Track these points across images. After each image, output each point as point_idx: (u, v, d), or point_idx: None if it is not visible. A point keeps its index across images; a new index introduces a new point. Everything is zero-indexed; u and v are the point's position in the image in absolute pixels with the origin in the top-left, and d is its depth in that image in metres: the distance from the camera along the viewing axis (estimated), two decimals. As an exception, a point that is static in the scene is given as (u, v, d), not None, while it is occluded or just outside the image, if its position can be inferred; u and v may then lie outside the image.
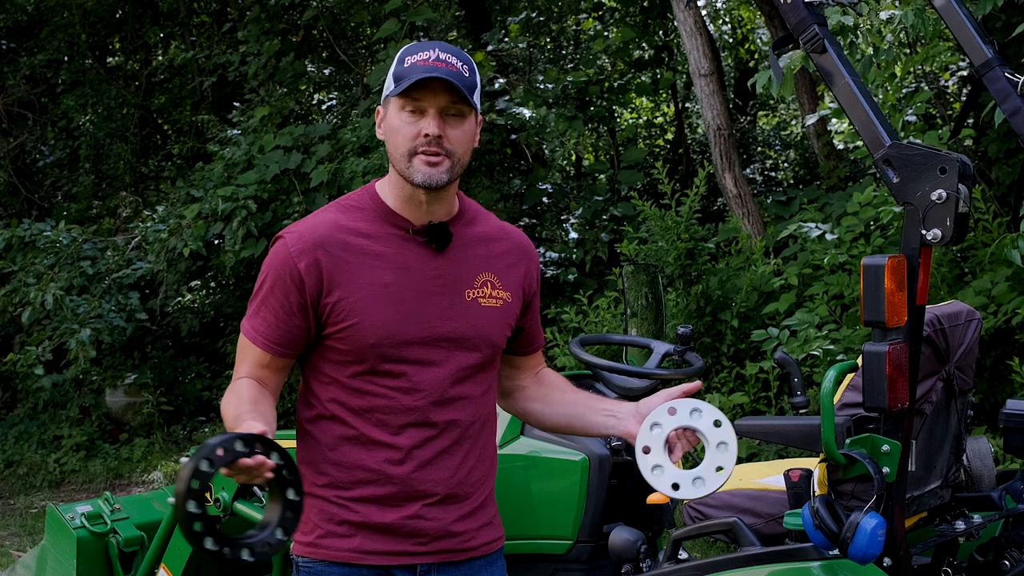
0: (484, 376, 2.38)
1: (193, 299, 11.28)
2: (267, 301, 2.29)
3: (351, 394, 2.29)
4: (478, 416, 2.36)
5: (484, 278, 2.36)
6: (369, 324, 2.24)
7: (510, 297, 2.39)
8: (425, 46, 2.28)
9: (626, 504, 3.47)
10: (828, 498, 2.78)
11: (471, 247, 2.37)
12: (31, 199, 12.00)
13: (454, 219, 2.37)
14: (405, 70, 2.25)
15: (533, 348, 2.54)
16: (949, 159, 2.68)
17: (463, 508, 2.35)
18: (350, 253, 2.27)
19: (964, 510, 3.36)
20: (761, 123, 13.72)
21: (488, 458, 2.42)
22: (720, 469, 2.24)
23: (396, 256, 2.29)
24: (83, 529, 4.14)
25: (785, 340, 6.48)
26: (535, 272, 2.48)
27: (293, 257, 2.26)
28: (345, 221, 2.32)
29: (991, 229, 6.32)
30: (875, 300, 2.67)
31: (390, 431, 2.27)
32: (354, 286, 2.25)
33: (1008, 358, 6.00)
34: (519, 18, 11.39)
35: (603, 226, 9.46)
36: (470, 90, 2.25)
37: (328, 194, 9.05)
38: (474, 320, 2.32)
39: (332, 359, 2.30)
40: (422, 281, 2.29)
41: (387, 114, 2.31)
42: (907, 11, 4.93)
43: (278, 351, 2.29)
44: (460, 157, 2.28)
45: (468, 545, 2.37)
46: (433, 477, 2.30)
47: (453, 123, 2.26)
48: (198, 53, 11.60)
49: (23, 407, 10.83)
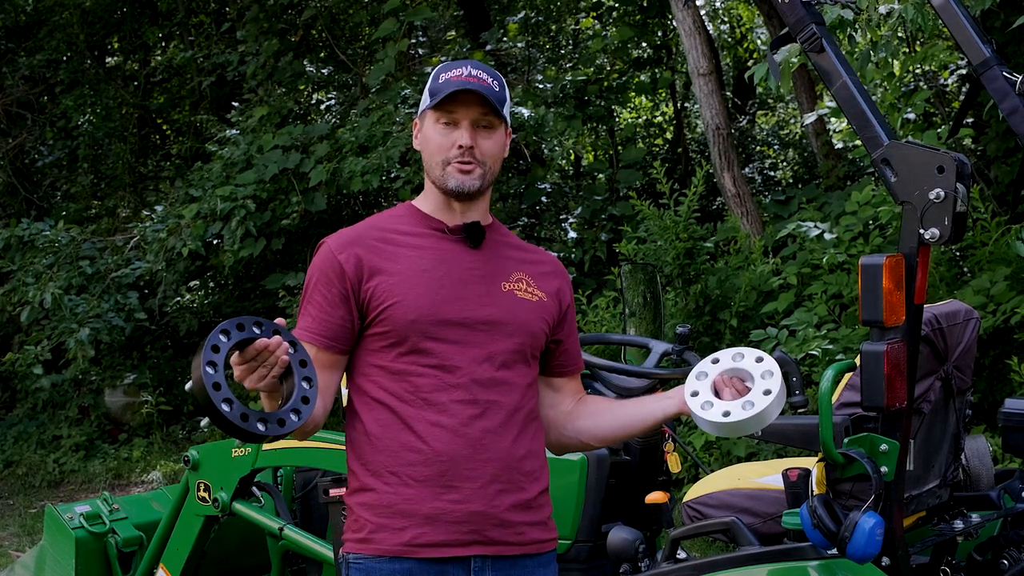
0: (527, 369, 2.42)
1: (192, 299, 11.27)
2: (312, 299, 2.39)
3: (395, 378, 2.35)
4: (523, 405, 2.39)
5: (519, 276, 2.46)
6: (409, 302, 2.34)
7: (546, 297, 2.47)
8: (458, 64, 2.44)
9: (625, 504, 3.47)
10: (826, 497, 2.78)
11: (505, 251, 2.49)
12: (30, 199, 12.00)
13: (488, 228, 2.48)
14: (439, 85, 2.40)
15: (573, 369, 2.57)
16: (947, 158, 2.68)
17: (516, 497, 2.35)
18: (388, 244, 2.40)
19: (963, 509, 3.36)
20: (760, 122, 13.72)
21: (539, 454, 2.44)
22: (768, 392, 2.30)
23: (433, 249, 2.41)
24: (82, 529, 4.14)
25: (784, 340, 6.48)
26: (568, 290, 2.56)
27: (333, 252, 2.39)
28: (383, 224, 2.46)
29: (990, 228, 6.31)
30: (873, 299, 2.67)
31: (435, 409, 2.32)
32: (393, 270, 2.37)
33: (1007, 357, 5.99)
34: (518, 17, 11.39)
35: (602, 226, 9.46)
36: (500, 104, 2.41)
37: (327, 194, 9.05)
38: (511, 307, 2.40)
39: (375, 348, 2.37)
40: (459, 271, 2.40)
41: (423, 127, 2.45)
42: (907, 5, 4.92)
43: (324, 343, 2.36)
44: (491, 167, 2.43)
45: (522, 539, 2.37)
46: (482, 456, 2.31)
47: (484, 134, 2.41)
48: (197, 53, 11.61)
49: (22, 407, 10.82)
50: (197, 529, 3.97)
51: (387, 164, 8.47)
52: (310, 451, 3.78)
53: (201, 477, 3.96)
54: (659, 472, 3.59)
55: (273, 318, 2.18)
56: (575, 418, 2.55)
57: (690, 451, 4.21)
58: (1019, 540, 3.31)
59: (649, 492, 3.44)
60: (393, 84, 9.41)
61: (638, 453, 3.48)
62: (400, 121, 8.75)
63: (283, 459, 3.89)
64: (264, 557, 3.97)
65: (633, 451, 3.48)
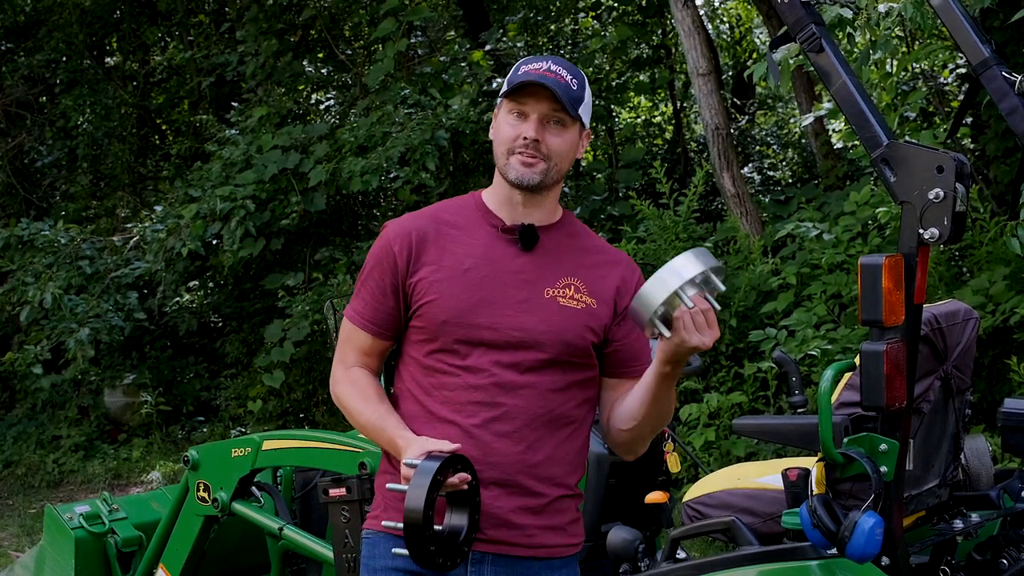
0: (560, 375, 2.38)
1: (191, 299, 11.26)
2: (367, 283, 2.46)
3: (424, 372, 2.41)
4: (549, 410, 2.37)
5: (568, 281, 2.43)
6: (443, 302, 2.37)
7: (595, 304, 2.42)
8: (540, 59, 2.44)
9: (624, 503, 3.48)
10: (826, 497, 2.78)
11: (562, 254, 2.46)
12: (29, 199, 12.00)
13: (550, 226, 2.47)
14: (517, 76, 2.40)
15: (631, 371, 2.45)
16: (946, 158, 2.68)
17: (528, 501, 2.36)
18: (440, 238, 2.43)
19: (962, 509, 3.36)
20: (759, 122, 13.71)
21: (565, 460, 2.41)
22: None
23: (483, 248, 2.42)
24: (81, 529, 4.14)
25: (783, 340, 6.48)
26: (632, 287, 2.44)
27: (391, 241, 2.44)
28: (443, 215, 2.48)
29: (989, 228, 6.31)
30: (873, 299, 2.67)
31: (454, 408, 2.36)
32: (436, 267, 2.40)
33: (1006, 357, 6.00)
34: (517, 17, 11.39)
35: (601, 225, 9.45)
36: (575, 102, 2.39)
37: (326, 194, 9.05)
38: (548, 316, 2.38)
39: (414, 340, 2.43)
40: (502, 274, 2.40)
41: (497, 115, 2.46)
42: (906, 3, 4.92)
43: (374, 330, 2.45)
44: (557, 163, 2.41)
45: (529, 542, 2.37)
46: (493, 460, 2.33)
47: (554, 130, 2.39)
48: (196, 53, 11.60)
49: (22, 407, 10.82)
50: (197, 529, 3.97)
51: (386, 164, 8.46)
52: (310, 451, 3.78)
53: (201, 477, 3.96)
54: (658, 472, 3.59)
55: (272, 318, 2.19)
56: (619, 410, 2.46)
57: (689, 451, 4.21)
58: (1018, 539, 3.31)
59: (649, 492, 3.45)
60: (392, 84, 9.41)
61: (638, 453, 3.48)
62: (399, 121, 8.75)
63: (283, 459, 3.89)
64: (264, 557, 3.97)
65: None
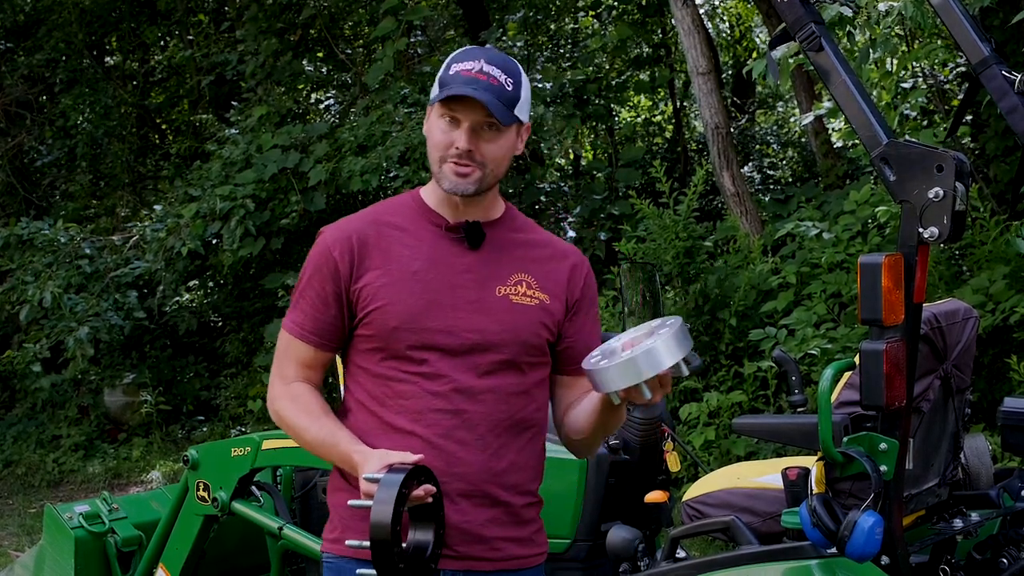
0: (519, 377, 2.31)
1: (191, 298, 11.27)
2: (305, 293, 2.34)
3: (377, 381, 2.29)
4: (510, 415, 2.29)
5: (519, 278, 2.34)
6: (392, 308, 2.26)
7: (548, 299, 2.34)
8: (473, 54, 2.30)
9: (624, 503, 3.47)
10: (826, 496, 2.78)
11: (509, 249, 2.36)
12: (29, 198, 12.00)
13: (495, 222, 2.38)
14: (449, 77, 2.28)
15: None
16: (946, 157, 2.67)
17: (494, 512, 2.28)
18: (383, 241, 2.32)
19: (962, 508, 3.36)
20: (759, 121, 13.71)
21: (528, 464, 2.34)
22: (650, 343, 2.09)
23: (428, 249, 2.32)
24: (81, 529, 4.14)
25: (783, 339, 6.48)
26: (582, 281, 2.40)
27: (329, 247, 2.32)
28: (383, 216, 2.37)
29: (988, 227, 6.31)
30: (872, 298, 2.66)
31: (411, 417, 2.25)
32: (382, 271, 2.29)
33: (1006, 356, 5.99)
34: (517, 16, 11.39)
35: (601, 225, 9.45)
36: (511, 104, 2.26)
37: (326, 193, 9.05)
38: (502, 316, 2.30)
39: (362, 349, 2.32)
40: (451, 274, 2.30)
41: (430, 116, 2.33)
42: (906, 2, 4.92)
43: (316, 341, 2.33)
44: (492, 169, 2.30)
45: (499, 555, 2.29)
46: (459, 470, 2.24)
47: (488, 137, 2.27)
48: (196, 52, 11.60)
49: (22, 407, 10.82)
50: (196, 529, 3.97)
51: (386, 163, 8.46)
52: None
53: (200, 477, 3.96)
54: (658, 471, 3.59)
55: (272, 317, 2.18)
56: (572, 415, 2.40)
57: (689, 450, 4.21)
58: (1018, 539, 3.31)
59: (648, 491, 3.44)
60: (392, 83, 9.41)
61: (637, 452, 3.49)
62: (399, 120, 8.75)
63: (282, 459, 3.89)
64: (263, 557, 3.96)
65: (632, 450, 3.48)
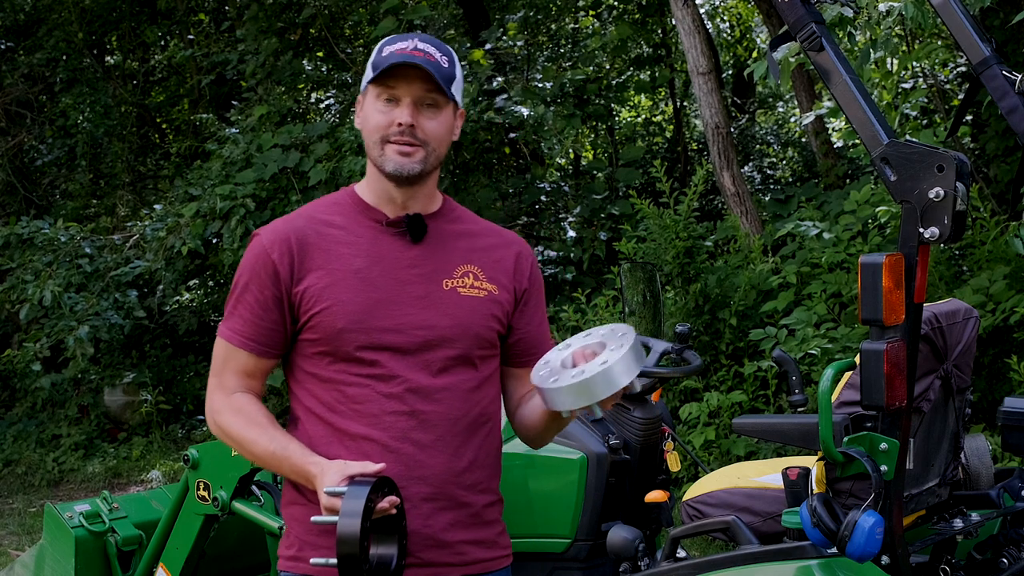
0: (473, 372, 2.25)
1: (191, 298, 11.27)
2: (243, 299, 2.24)
3: (327, 387, 2.21)
4: (467, 412, 2.23)
5: (465, 269, 2.28)
6: (338, 309, 2.18)
7: (496, 290, 2.29)
8: (405, 37, 2.25)
9: (624, 503, 3.47)
10: (826, 496, 2.78)
11: (452, 240, 2.30)
12: (29, 197, 11.99)
13: (434, 214, 2.31)
14: (383, 59, 2.21)
15: (537, 359, 2.28)
16: (947, 157, 2.67)
17: (458, 514, 2.23)
18: (323, 241, 2.24)
19: (962, 508, 3.36)
20: (759, 121, 13.71)
21: (487, 462, 2.29)
22: (604, 363, 2.09)
23: (369, 246, 2.24)
24: (81, 528, 4.14)
25: (783, 339, 6.48)
26: (528, 269, 2.37)
27: (267, 249, 2.23)
28: (320, 215, 2.29)
29: (989, 227, 6.31)
30: (873, 298, 2.66)
31: (367, 422, 2.17)
32: (324, 272, 2.21)
33: (1006, 356, 6.00)
34: (517, 16, 11.39)
35: (601, 224, 9.45)
36: (447, 81, 2.21)
37: (326, 193, 9.03)
38: (451, 310, 2.24)
39: (308, 354, 2.24)
40: (396, 270, 2.23)
41: (364, 103, 2.27)
42: (907, 2, 4.92)
43: (257, 348, 2.24)
44: (435, 148, 2.24)
45: (463, 559, 2.24)
46: (420, 473, 2.17)
47: (429, 113, 2.22)
48: (196, 51, 11.60)
49: (22, 406, 10.82)
50: (197, 528, 3.97)
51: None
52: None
53: (201, 476, 3.96)
54: (659, 471, 3.59)
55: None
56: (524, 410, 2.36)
57: (689, 450, 4.21)
58: (1018, 539, 3.31)
59: (649, 491, 3.45)
60: (392, 83, 9.40)
61: (638, 452, 3.49)
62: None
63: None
64: (264, 556, 3.96)
65: (633, 450, 3.48)
